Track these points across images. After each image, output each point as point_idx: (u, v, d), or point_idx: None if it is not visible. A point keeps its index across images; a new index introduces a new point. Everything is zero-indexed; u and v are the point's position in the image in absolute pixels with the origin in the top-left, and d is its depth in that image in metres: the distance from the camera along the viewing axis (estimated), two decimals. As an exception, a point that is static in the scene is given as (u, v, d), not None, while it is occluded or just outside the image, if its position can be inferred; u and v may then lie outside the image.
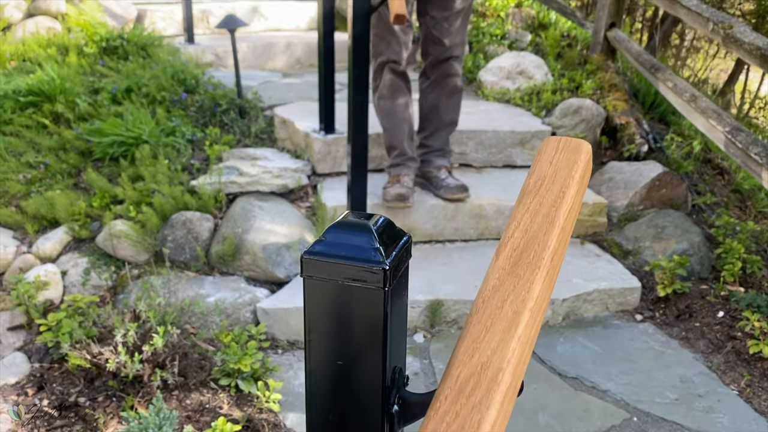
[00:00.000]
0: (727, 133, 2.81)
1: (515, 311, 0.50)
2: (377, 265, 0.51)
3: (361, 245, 0.52)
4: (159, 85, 3.42)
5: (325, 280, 0.52)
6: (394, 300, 0.54)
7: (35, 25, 4.05)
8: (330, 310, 0.53)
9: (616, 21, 4.12)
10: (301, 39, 4.63)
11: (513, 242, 0.57)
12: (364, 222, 0.53)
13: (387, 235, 0.54)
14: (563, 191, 0.60)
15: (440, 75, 2.79)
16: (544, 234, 0.56)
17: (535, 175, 0.63)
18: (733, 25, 2.94)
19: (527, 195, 0.62)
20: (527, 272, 0.53)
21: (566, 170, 0.62)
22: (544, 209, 0.59)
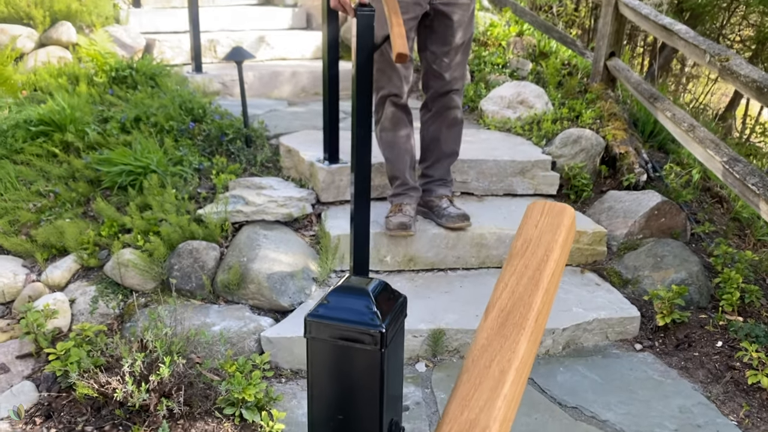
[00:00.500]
0: (725, 163, 2.86)
1: (502, 370, 0.55)
2: (374, 328, 0.55)
3: (359, 309, 0.56)
4: (167, 114, 3.49)
5: (327, 340, 0.57)
6: (390, 358, 0.58)
7: (47, 54, 4.14)
8: (331, 368, 0.57)
9: (616, 50, 4.20)
10: (307, 68, 4.72)
11: (500, 303, 0.61)
12: (363, 287, 0.58)
13: (384, 299, 0.59)
14: (547, 255, 0.65)
15: (441, 107, 2.86)
16: (529, 296, 0.61)
17: (521, 238, 0.68)
18: (729, 58, 3.00)
19: (514, 257, 0.66)
20: (513, 333, 0.58)
21: (550, 234, 0.66)
22: (530, 272, 0.64)
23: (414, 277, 2.83)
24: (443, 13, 2.67)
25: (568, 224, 0.70)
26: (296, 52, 5.05)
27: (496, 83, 4.34)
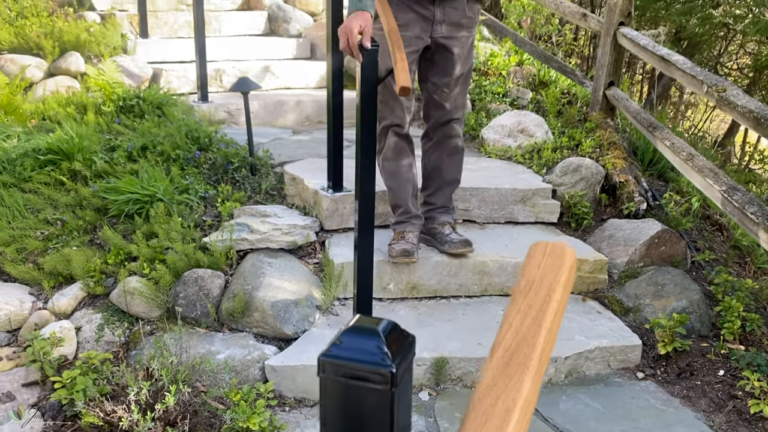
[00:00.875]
0: (724, 192, 2.90)
1: (507, 409, 0.58)
2: (385, 368, 0.58)
3: (371, 350, 0.60)
4: (173, 143, 3.54)
5: (339, 380, 0.60)
6: (400, 397, 0.61)
7: (55, 84, 4.21)
8: (343, 406, 0.60)
9: (615, 80, 4.26)
10: (311, 97, 4.79)
11: (505, 343, 0.64)
12: (374, 327, 0.61)
13: (394, 338, 0.62)
14: (549, 295, 0.68)
15: (442, 136, 2.91)
16: (532, 336, 0.64)
17: (525, 278, 0.71)
18: (726, 89, 3.05)
19: (518, 297, 0.70)
20: (518, 372, 0.61)
21: (552, 275, 0.70)
22: (533, 312, 0.67)
23: (417, 304, 2.85)
24: (444, 46, 2.73)
25: (570, 264, 0.73)
26: (300, 81, 5.13)
27: (497, 112, 4.40)
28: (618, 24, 4.15)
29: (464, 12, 2.73)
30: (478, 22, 2.85)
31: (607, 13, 4.23)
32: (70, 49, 4.45)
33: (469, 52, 2.81)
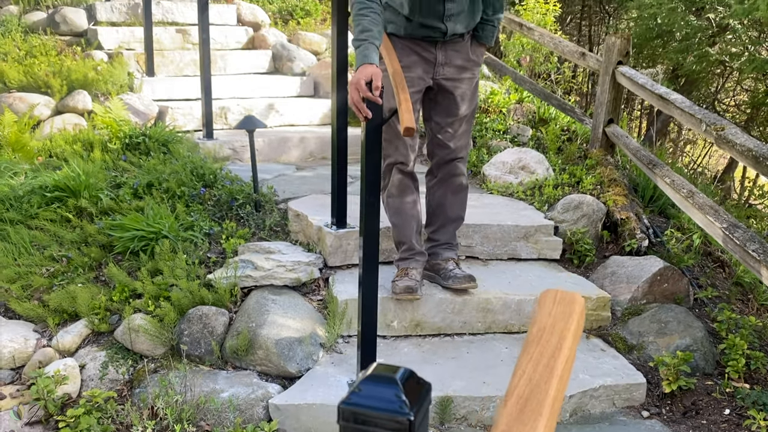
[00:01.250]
0: (725, 230, 2.92)
1: (522, 456, 0.59)
2: (403, 415, 0.60)
3: (389, 398, 0.61)
4: (179, 180, 3.58)
5: (359, 427, 0.61)
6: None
7: (62, 122, 4.27)
8: (363, 453, 0.61)
9: (614, 117, 4.32)
10: (314, 133, 4.85)
11: (519, 390, 0.66)
12: (391, 375, 0.63)
13: (411, 386, 0.64)
14: (561, 343, 0.70)
15: (446, 174, 2.94)
16: (545, 383, 0.66)
17: (536, 326, 0.73)
18: (724, 127, 3.10)
19: (530, 344, 0.71)
20: (531, 419, 0.63)
21: (563, 323, 0.72)
22: (545, 359, 0.69)
23: (421, 342, 2.85)
24: (446, 87, 2.78)
25: (579, 312, 0.75)
26: (304, 118, 5.20)
27: (498, 149, 4.46)
28: (616, 63, 4.23)
29: (467, 55, 2.79)
30: (481, 64, 2.90)
31: (605, 52, 4.31)
32: (77, 88, 4.52)
33: (473, 93, 2.86)
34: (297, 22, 6.80)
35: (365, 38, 2.40)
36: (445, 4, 2.62)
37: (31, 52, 5.08)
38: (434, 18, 2.63)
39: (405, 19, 2.67)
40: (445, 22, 2.65)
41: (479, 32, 2.80)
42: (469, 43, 2.79)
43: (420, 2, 2.61)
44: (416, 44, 2.71)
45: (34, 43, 5.24)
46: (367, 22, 2.42)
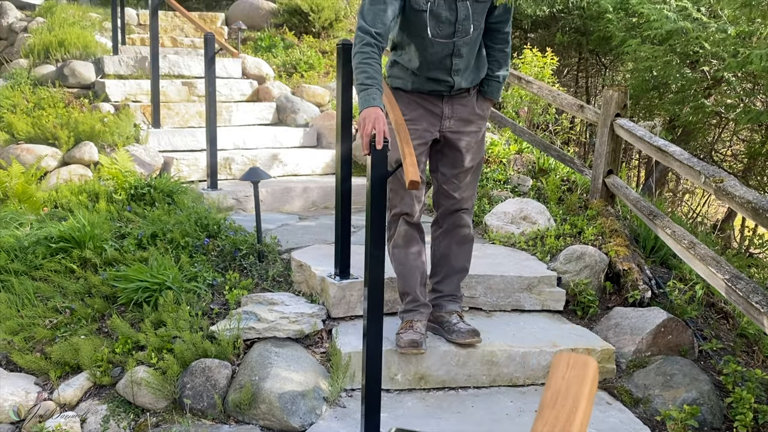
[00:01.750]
0: (727, 281, 2.93)
1: None
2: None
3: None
4: (183, 230, 3.61)
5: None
6: None
7: (69, 172, 4.33)
8: None
9: (614, 168, 4.38)
10: (317, 183, 4.91)
11: (535, 455, 0.67)
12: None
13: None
14: (575, 406, 0.71)
15: (451, 225, 2.97)
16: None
17: (551, 390, 0.74)
18: (723, 179, 3.14)
19: (545, 408, 0.72)
20: (549, 485, 0.63)
21: (577, 386, 0.73)
22: (560, 423, 0.70)
23: (425, 396, 2.83)
24: (452, 140, 2.84)
25: (592, 376, 0.76)
26: (307, 168, 5.26)
27: (499, 199, 4.50)
28: (614, 115, 4.31)
29: (473, 108, 2.85)
30: (487, 118, 2.96)
31: (603, 105, 4.40)
32: (84, 139, 4.59)
33: (479, 146, 2.90)
34: (301, 75, 6.94)
35: (370, 84, 2.46)
36: (452, 59, 2.70)
37: (39, 104, 5.17)
38: (442, 72, 2.71)
39: (413, 74, 2.75)
40: (452, 76, 2.72)
41: (485, 87, 2.87)
42: (474, 98, 2.86)
43: (429, 58, 2.69)
44: (423, 98, 2.78)
45: (43, 96, 5.35)
46: (372, 71, 2.48)
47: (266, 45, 7.71)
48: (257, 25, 8.55)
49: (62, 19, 7.15)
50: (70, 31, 6.36)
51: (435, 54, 2.69)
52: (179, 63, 6.25)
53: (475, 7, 2.67)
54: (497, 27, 2.81)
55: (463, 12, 2.64)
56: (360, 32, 2.53)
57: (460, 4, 2.63)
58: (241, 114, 5.83)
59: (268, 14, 8.61)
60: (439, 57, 2.69)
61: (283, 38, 7.92)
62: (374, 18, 2.51)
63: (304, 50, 7.56)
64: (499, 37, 2.84)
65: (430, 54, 2.69)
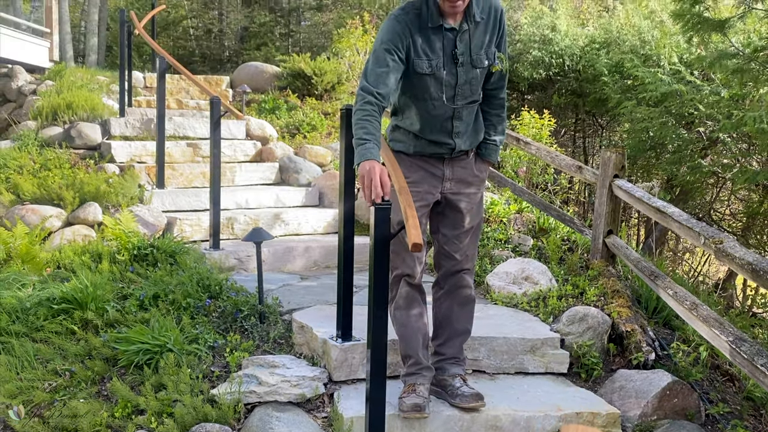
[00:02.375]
0: (731, 343, 2.91)
1: None
2: None
3: None
4: (185, 291, 3.61)
5: None
6: None
7: (72, 233, 4.36)
8: None
9: (613, 228, 4.41)
10: (319, 242, 4.93)
11: None
12: None
13: None
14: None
15: (452, 286, 2.97)
16: None
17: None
18: (723, 240, 3.16)
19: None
20: None
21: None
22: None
23: (428, 461, 2.77)
24: (453, 201, 2.88)
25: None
26: (309, 227, 5.30)
27: (500, 258, 4.51)
28: (613, 176, 4.37)
29: (472, 170, 2.90)
30: (485, 180, 3.02)
31: (601, 166, 4.46)
32: (89, 200, 4.65)
33: (479, 207, 2.95)
34: (303, 136, 7.07)
35: (368, 139, 2.48)
36: (453, 122, 2.77)
37: (46, 165, 5.26)
38: (444, 134, 2.77)
39: (414, 137, 2.81)
40: (453, 139, 2.78)
41: (483, 150, 2.94)
42: (473, 160, 2.92)
43: (431, 121, 2.76)
44: (424, 161, 2.83)
45: (49, 157, 5.44)
46: (371, 127, 2.51)
47: (270, 107, 7.89)
48: (261, 88, 8.76)
49: (71, 82, 7.34)
50: (78, 94, 6.52)
51: (437, 117, 2.76)
52: (184, 125, 6.37)
53: (474, 72, 2.75)
54: (493, 93, 2.90)
55: (462, 76, 2.72)
56: (362, 92, 2.59)
57: (460, 69, 2.72)
58: (245, 174, 5.91)
59: (272, 77, 8.84)
60: (440, 120, 2.76)
61: (286, 100, 8.11)
62: (377, 79, 2.58)
63: (306, 112, 7.72)
64: (495, 103, 2.92)
65: (432, 117, 2.76)
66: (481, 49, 2.72)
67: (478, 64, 2.73)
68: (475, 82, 2.77)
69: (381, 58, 2.58)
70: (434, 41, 2.64)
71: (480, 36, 2.71)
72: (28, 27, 8.75)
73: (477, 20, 2.68)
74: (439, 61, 2.66)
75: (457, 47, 2.67)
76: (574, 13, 11.27)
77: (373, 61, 2.61)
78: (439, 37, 2.64)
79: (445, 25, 2.64)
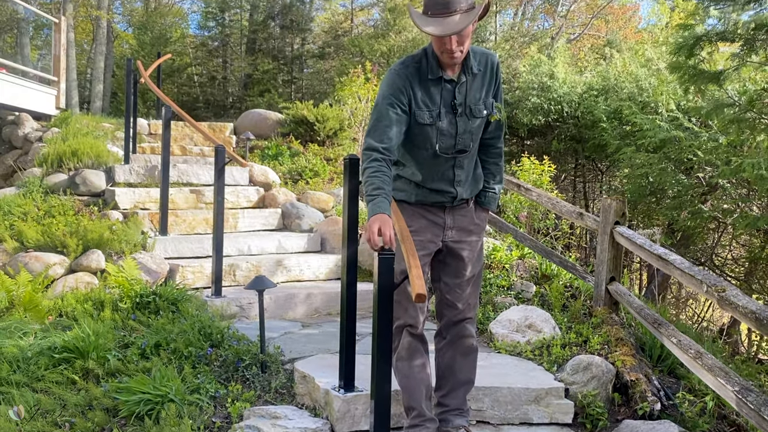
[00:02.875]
0: (737, 393, 2.89)
1: None
2: None
3: None
4: (186, 340, 3.60)
5: None
6: None
7: (75, 280, 4.37)
8: None
9: (616, 275, 4.41)
10: (320, 289, 4.93)
11: None
12: None
13: None
14: None
15: (455, 336, 2.96)
16: None
17: None
18: (725, 288, 3.16)
19: None
20: None
21: None
22: None
23: None
24: (454, 249, 2.89)
25: None
26: (310, 273, 5.30)
27: (503, 305, 4.50)
28: (614, 223, 4.39)
29: (472, 218, 2.93)
30: (485, 227, 3.04)
31: (602, 213, 4.49)
32: (93, 247, 4.66)
33: (479, 255, 2.96)
34: (306, 181, 7.14)
35: (377, 194, 2.53)
36: (455, 171, 2.81)
37: (50, 212, 5.29)
38: (445, 183, 2.81)
39: (416, 186, 2.84)
40: (455, 187, 2.82)
41: (482, 199, 2.97)
42: (473, 209, 2.95)
43: (432, 170, 2.79)
44: (426, 210, 2.86)
45: (54, 203, 5.48)
46: (379, 182, 2.55)
47: (273, 153, 7.98)
48: (265, 134, 8.88)
49: (76, 129, 7.45)
50: (84, 141, 6.60)
51: (438, 166, 2.80)
52: (188, 171, 6.44)
53: (473, 122, 2.80)
54: (491, 142, 2.95)
55: (462, 126, 2.77)
56: (366, 150, 2.64)
57: (459, 119, 2.77)
58: (247, 220, 5.94)
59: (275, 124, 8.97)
60: (442, 169, 2.80)
61: (289, 146, 8.20)
62: (381, 134, 2.63)
63: (309, 158, 7.81)
64: (493, 152, 2.97)
65: (434, 166, 2.80)
66: (480, 99, 2.78)
67: (476, 114, 2.78)
68: (474, 131, 2.82)
69: (383, 113, 2.64)
70: (434, 93, 2.70)
71: (477, 87, 2.78)
72: (35, 75, 8.92)
73: (474, 72, 2.75)
74: (439, 111, 2.72)
75: (456, 98, 2.73)
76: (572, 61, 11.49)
77: (376, 118, 2.66)
78: (438, 89, 2.70)
79: (444, 76, 2.70)
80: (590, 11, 18.53)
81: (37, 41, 11.88)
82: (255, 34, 15.94)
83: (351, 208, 3.21)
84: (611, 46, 12.05)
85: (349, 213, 3.21)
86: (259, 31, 15.89)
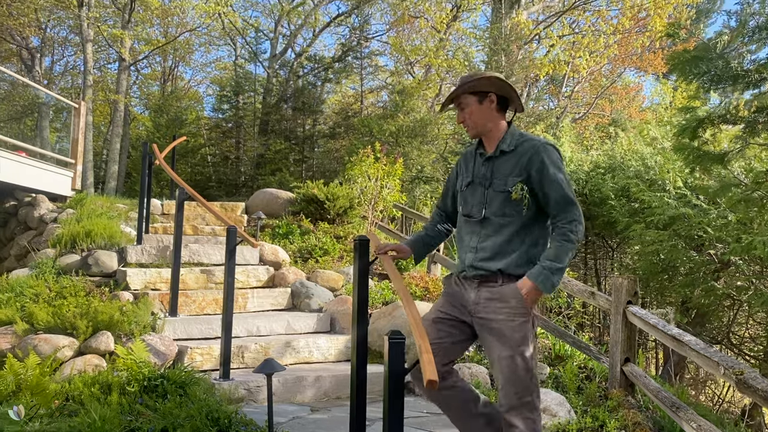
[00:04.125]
0: (763, 483, 2.77)
1: None
2: None
3: None
4: (193, 425, 3.52)
5: None
6: None
7: (83, 362, 4.33)
8: None
9: (630, 356, 4.33)
10: (330, 371, 4.85)
11: None
12: None
13: None
14: None
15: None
16: None
17: None
18: (743, 371, 3.09)
19: None
20: None
21: None
22: None
23: None
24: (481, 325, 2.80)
25: None
26: (319, 354, 5.23)
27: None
28: (626, 302, 4.35)
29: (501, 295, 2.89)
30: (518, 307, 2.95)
31: (614, 292, 4.46)
32: (102, 328, 4.65)
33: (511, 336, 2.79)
34: (316, 260, 7.15)
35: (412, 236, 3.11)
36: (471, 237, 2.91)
37: (61, 293, 5.31)
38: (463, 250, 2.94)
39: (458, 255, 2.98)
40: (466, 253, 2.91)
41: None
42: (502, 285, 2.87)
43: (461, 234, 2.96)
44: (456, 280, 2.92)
45: (65, 284, 5.50)
46: (422, 229, 3.16)
47: (284, 232, 8.04)
48: (275, 213, 8.98)
49: (91, 210, 7.57)
50: (98, 222, 6.70)
51: (464, 232, 2.91)
52: (199, 251, 6.48)
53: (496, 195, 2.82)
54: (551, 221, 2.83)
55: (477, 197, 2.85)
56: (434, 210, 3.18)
57: (486, 191, 2.85)
58: (257, 300, 5.93)
59: (286, 203, 9.08)
60: (467, 235, 2.89)
61: (299, 225, 8.27)
62: (441, 198, 3.16)
63: (319, 236, 7.85)
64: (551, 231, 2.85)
65: (463, 231, 2.93)
66: (506, 176, 2.82)
67: (497, 188, 2.83)
68: (497, 203, 2.81)
69: (445, 185, 3.15)
70: (470, 163, 2.97)
71: (506, 165, 2.83)
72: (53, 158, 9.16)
73: (505, 150, 2.84)
74: (471, 181, 2.91)
75: (484, 170, 2.87)
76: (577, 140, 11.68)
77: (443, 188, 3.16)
78: (473, 161, 2.96)
79: (480, 150, 2.93)
80: (594, 91, 19.01)
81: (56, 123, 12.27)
82: (268, 116, 16.41)
83: (361, 287, 3.20)
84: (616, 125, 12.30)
85: (359, 293, 3.20)
86: (271, 113, 16.36)
